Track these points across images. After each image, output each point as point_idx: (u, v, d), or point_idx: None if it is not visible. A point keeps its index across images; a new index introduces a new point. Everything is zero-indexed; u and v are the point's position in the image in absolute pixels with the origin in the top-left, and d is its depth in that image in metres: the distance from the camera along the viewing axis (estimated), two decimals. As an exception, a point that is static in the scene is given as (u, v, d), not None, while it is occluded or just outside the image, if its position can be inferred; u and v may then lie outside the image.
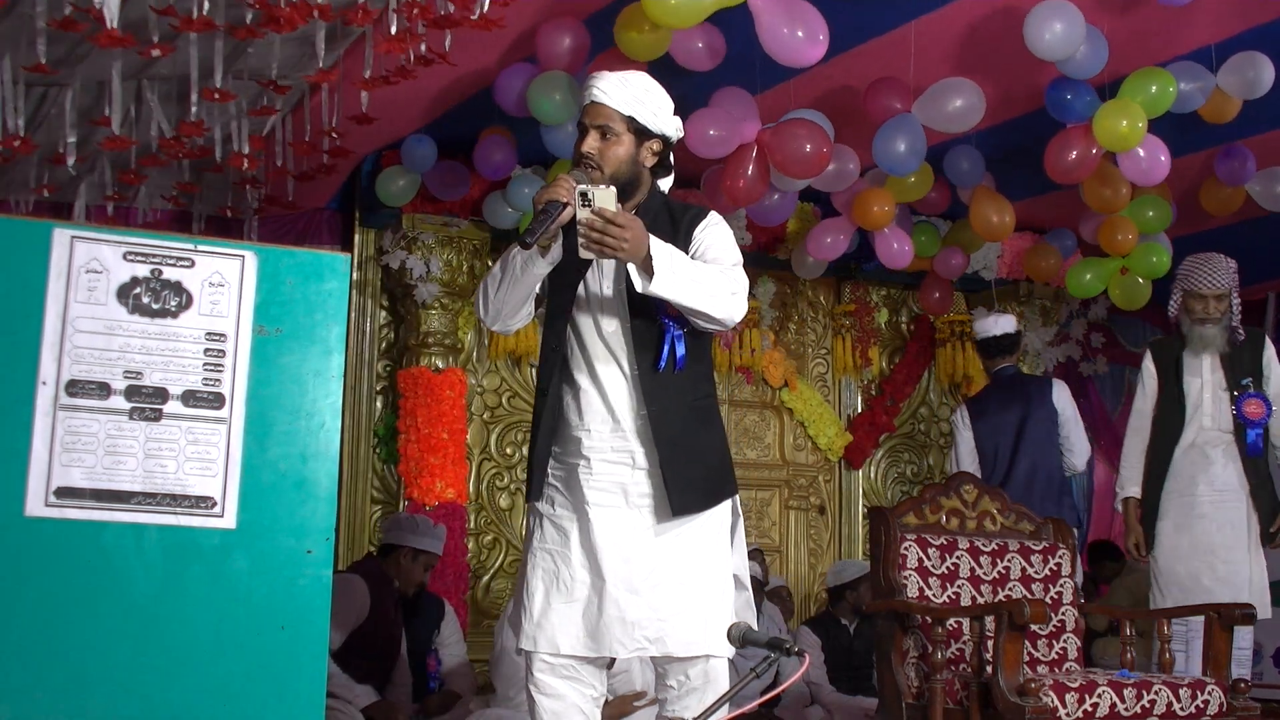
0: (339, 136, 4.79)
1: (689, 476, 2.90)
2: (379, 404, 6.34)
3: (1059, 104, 5.01)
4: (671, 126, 3.02)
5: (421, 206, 6.01)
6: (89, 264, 2.09)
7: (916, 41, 4.74)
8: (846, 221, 5.93)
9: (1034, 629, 4.09)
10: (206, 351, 2.13)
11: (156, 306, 2.12)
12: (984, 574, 4.21)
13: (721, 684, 2.89)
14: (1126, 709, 3.74)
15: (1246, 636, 4.72)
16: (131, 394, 2.09)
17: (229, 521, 2.11)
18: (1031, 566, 4.30)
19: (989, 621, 3.85)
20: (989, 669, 3.75)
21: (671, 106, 3.02)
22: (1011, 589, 4.22)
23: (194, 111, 4.21)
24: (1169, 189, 5.82)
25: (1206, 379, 4.92)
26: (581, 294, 2.98)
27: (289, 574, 2.12)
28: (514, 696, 4.44)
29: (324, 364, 2.19)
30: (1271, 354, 4.94)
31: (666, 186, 3.10)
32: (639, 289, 2.78)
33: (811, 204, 6.47)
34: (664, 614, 2.86)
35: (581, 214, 2.73)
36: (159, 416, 2.09)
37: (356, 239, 6.28)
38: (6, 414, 2.03)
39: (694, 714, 2.81)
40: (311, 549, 2.14)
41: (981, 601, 4.13)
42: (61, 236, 2.09)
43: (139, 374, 2.10)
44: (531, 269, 2.90)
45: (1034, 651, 4.16)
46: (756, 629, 2.58)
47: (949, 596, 4.14)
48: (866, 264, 6.65)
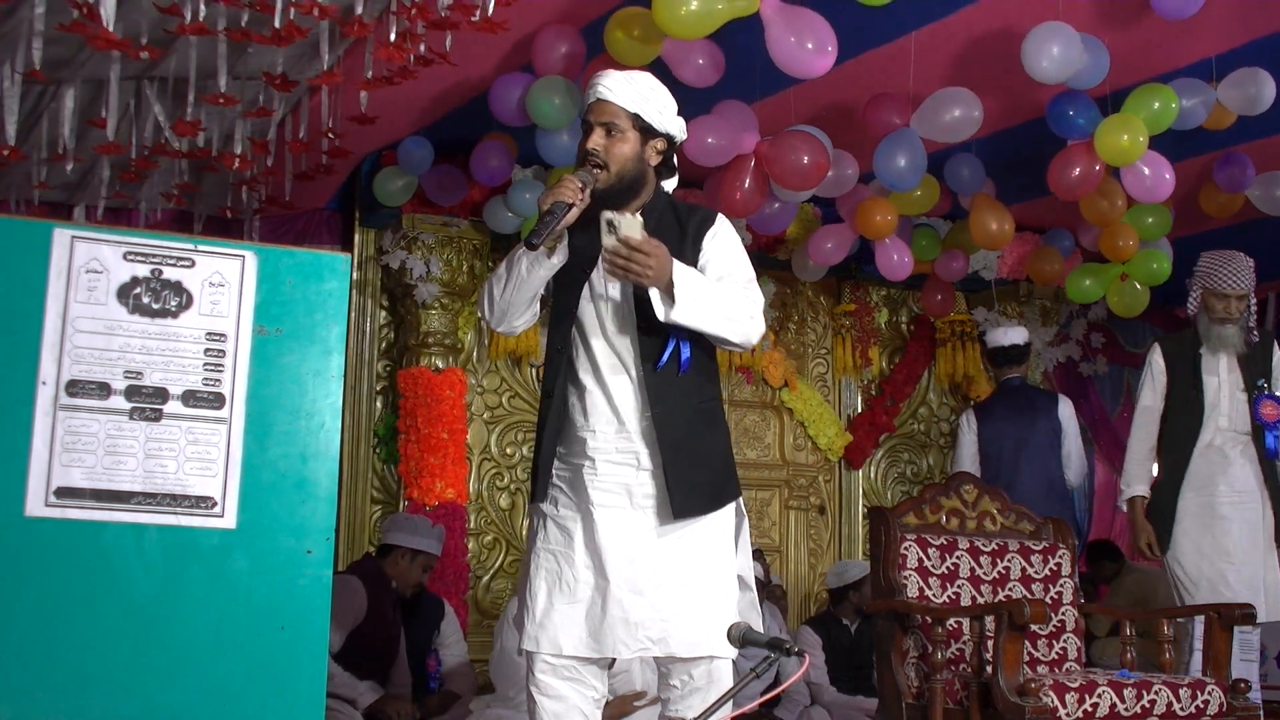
0: (338, 138, 4.79)
1: (692, 480, 2.91)
2: (379, 404, 6.34)
3: (1060, 120, 5.00)
4: (676, 127, 3.03)
5: (421, 206, 6.00)
6: (89, 264, 2.09)
7: (916, 52, 4.73)
8: (848, 229, 5.92)
9: (1034, 629, 4.09)
10: (207, 351, 2.13)
11: (157, 306, 2.12)
12: (984, 574, 4.22)
13: (725, 684, 2.90)
14: (1126, 709, 3.74)
15: (1254, 638, 4.68)
16: (132, 394, 2.09)
17: (229, 521, 2.11)
18: (1031, 566, 4.30)
19: (989, 621, 3.85)
20: (989, 669, 3.75)
21: (675, 107, 3.03)
22: (1011, 589, 4.22)
23: (189, 113, 4.21)
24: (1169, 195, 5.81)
25: (1223, 378, 4.83)
26: (587, 295, 2.98)
27: (289, 574, 2.12)
28: (514, 696, 4.44)
29: (324, 364, 2.19)
30: None
31: (671, 188, 3.10)
32: (661, 317, 2.81)
33: (812, 205, 6.46)
34: (667, 614, 2.86)
35: (607, 241, 2.76)
36: (159, 416, 2.10)
37: (356, 239, 6.27)
38: (6, 414, 2.03)
39: (697, 714, 2.81)
40: (311, 549, 2.14)
41: (981, 601, 4.14)
42: (61, 236, 2.09)
43: (139, 374, 2.10)
44: (537, 270, 2.91)
45: (1034, 651, 4.16)
46: (761, 629, 2.58)
47: (949, 596, 4.14)
48: (867, 265, 6.64)
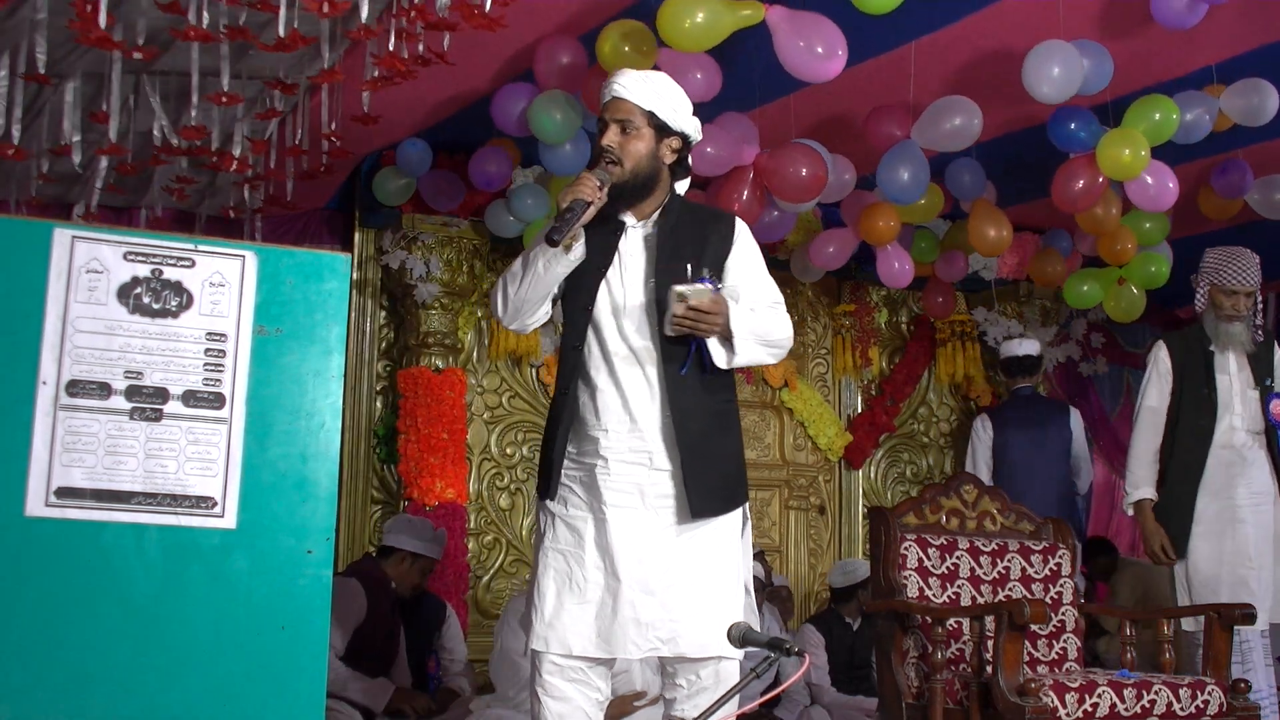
0: (338, 139, 4.78)
1: (708, 481, 2.91)
2: (379, 404, 6.34)
3: (1062, 134, 4.99)
4: (691, 126, 3.03)
5: (421, 207, 6.00)
6: (89, 264, 2.09)
7: (917, 62, 4.72)
8: (850, 234, 5.91)
9: (1034, 629, 4.09)
10: (207, 351, 2.13)
11: (157, 306, 2.12)
12: (984, 574, 4.22)
13: (731, 685, 2.89)
14: (1126, 709, 3.74)
15: (1263, 642, 4.60)
16: (132, 394, 2.09)
17: (229, 521, 2.11)
18: (1031, 566, 4.30)
19: (989, 621, 3.85)
20: (989, 669, 3.75)
21: (690, 107, 3.03)
22: (1011, 589, 4.22)
23: (194, 115, 4.20)
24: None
25: (1234, 376, 4.73)
26: (604, 294, 2.98)
27: (289, 574, 2.13)
28: (514, 696, 4.43)
29: (324, 364, 2.20)
30: None
31: (683, 190, 3.10)
32: (720, 364, 2.91)
33: (815, 208, 6.44)
34: (677, 614, 2.87)
35: (677, 308, 2.83)
36: (159, 416, 2.10)
37: (356, 239, 6.27)
38: (7, 414, 2.03)
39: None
40: (311, 549, 2.14)
41: (981, 601, 4.14)
42: (62, 236, 2.09)
43: (139, 374, 2.10)
44: (554, 267, 2.91)
45: (1034, 651, 4.16)
46: (758, 629, 2.58)
47: (949, 596, 4.14)
48: (866, 265, 6.63)
